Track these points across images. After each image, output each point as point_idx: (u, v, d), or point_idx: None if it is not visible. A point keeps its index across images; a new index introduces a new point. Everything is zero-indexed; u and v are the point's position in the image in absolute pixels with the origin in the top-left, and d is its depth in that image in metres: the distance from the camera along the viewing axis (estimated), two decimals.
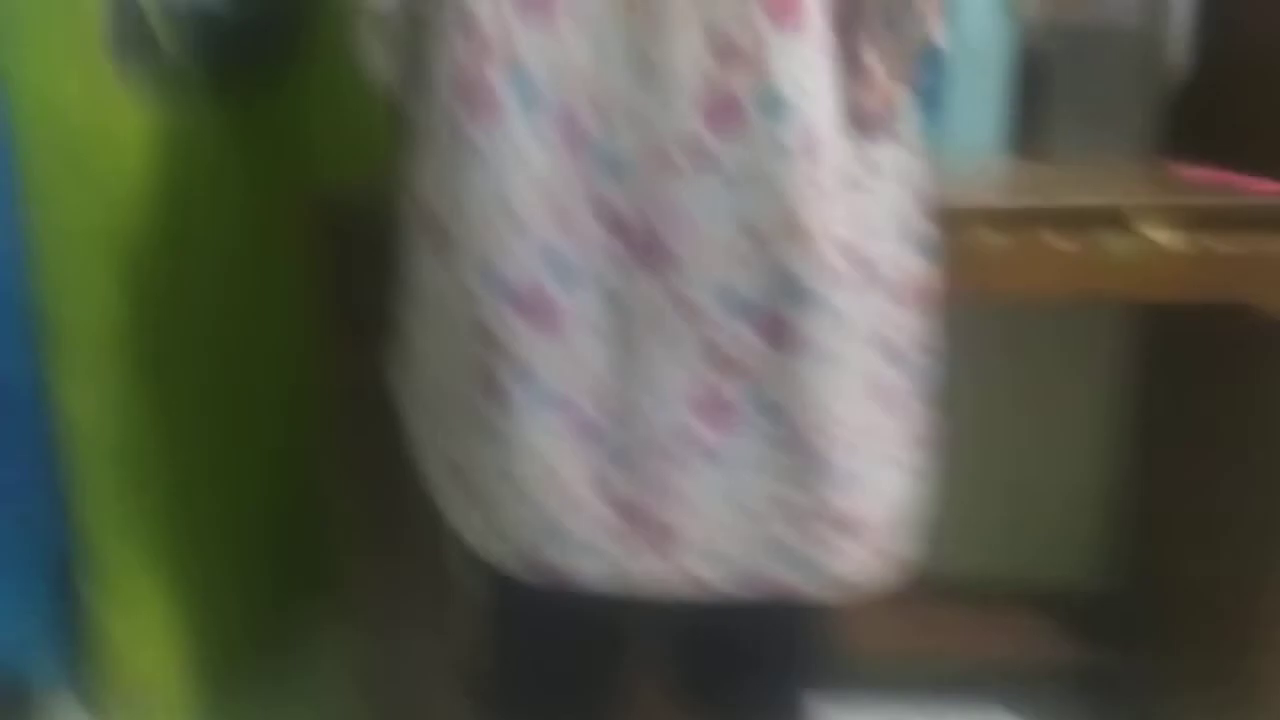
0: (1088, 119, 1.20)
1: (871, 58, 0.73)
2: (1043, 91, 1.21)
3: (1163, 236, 1.02)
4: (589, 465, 0.78)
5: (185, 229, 1.31)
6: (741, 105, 0.69)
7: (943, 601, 1.45)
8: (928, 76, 1.15)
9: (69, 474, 1.26)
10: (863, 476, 0.79)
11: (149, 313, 1.29)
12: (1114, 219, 1.02)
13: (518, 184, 0.72)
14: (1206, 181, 1.11)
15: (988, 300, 1.04)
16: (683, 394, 0.76)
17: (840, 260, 0.73)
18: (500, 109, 0.71)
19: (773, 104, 0.69)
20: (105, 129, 1.21)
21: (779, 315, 0.73)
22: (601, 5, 0.69)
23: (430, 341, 0.81)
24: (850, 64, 0.73)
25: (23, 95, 1.14)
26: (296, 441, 1.45)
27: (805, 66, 0.69)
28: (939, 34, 0.74)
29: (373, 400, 0.93)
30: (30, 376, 1.22)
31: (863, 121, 0.74)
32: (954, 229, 0.94)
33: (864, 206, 0.75)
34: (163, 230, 1.29)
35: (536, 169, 0.72)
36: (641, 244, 0.73)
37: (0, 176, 1.15)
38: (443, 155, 0.74)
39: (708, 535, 0.79)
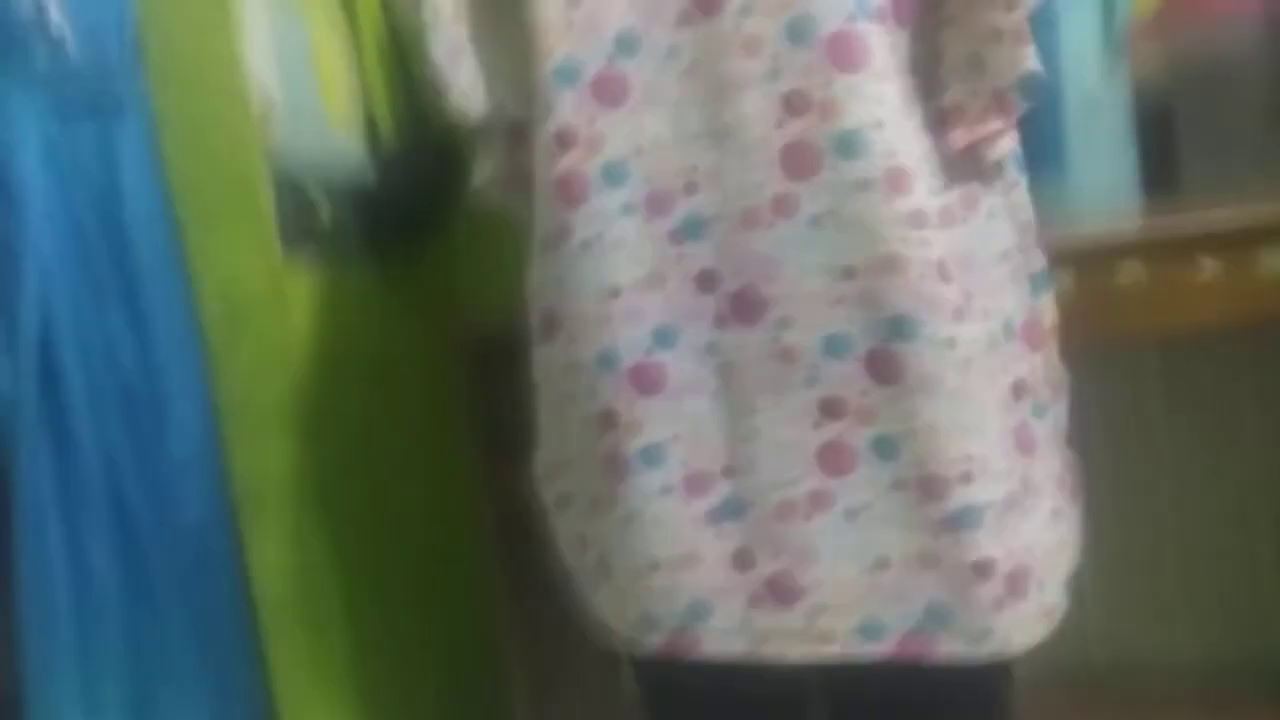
0: (1216, 156, 1.16)
1: (958, 95, 0.74)
2: (1167, 133, 1.18)
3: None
4: (718, 532, 0.77)
5: (351, 385, 1.42)
6: (816, 149, 0.71)
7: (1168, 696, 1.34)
8: (1048, 128, 1.15)
9: (256, 625, 1.34)
10: (1010, 523, 0.75)
11: (325, 464, 1.38)
12: (1265, 235, 0.97)
13: (623, 270, 0.76)
14: None
15: (1140, 337, 0.99)
16: (805, 450, 0.75)
17: (941, 288, 0.72)
18: (592, 193, 0.76)
19: (846, 143, 0.71)
20: (277, 300, 1.34)
21: (885, 350, 0.73)
22: (672, 82, 0.74)
23: (555, 430, 0.84)
24: (937, 102, 0.74)
25: (205, 277, 1.29)
26: (462, 574, 1.49)
27: (877, 102, 0.71)
28: (1031, 66, 0.74)
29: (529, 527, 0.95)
30: (222, 534, 1.32)
31: (957, 160, 0.74)
32: (1094, 267, 0.92)
33: (967, 242, 0.75)
34: (331, 387, 1.39)
35: (637, 251, 0.75)
36: (743, 304, 0.75)
37: (186, 351, 1.29)
38: (546, 247, 0.79)
39: (845, 594, 0.76)
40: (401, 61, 1.49)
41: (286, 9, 1.38)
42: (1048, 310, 0.82)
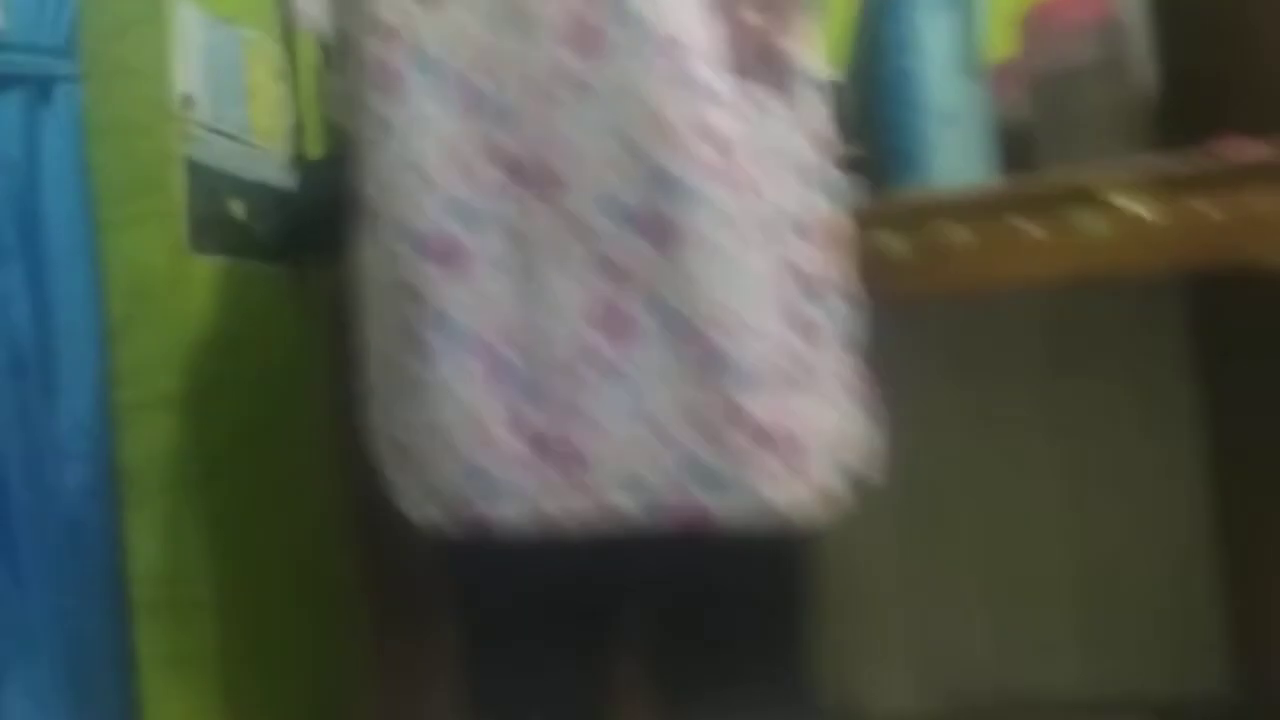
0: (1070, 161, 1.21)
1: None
2: (1022, 145, 1.24)
3: (1140, 207, 0.99)
4: (504, 403, 0.79)
5: (244, 378, 1.45)
6: (602, 28, 0.77)
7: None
8: (910, 140, 1.21)
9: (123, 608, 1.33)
10: (777, 388, 0.77)
11: (207, 453, 1.40)
12: (1084, 197, 1.01)
13: (424, 148, 0.81)
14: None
15: (960, 295, 1.02)
16: (581, 310, 0.78)
17: (715, 156, 0.76)
18: (404, 85, 0.81)
19: (627, 20, 0.77)
20: (177, 291, 1.39)
21: (660, 214, 0.76)
22: None
23: (372, 324, 0.87)
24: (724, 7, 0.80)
25: (110, 261, 1.35)
26: (331, 571, 1.48)
27: None
28: None
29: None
30: (98, 513, 1.33)
31: (745, 56, 0.80)
32: (918, 223, 0.96)
33: (748, 131, 0.79)
34: (223, 378, 1.42)
35: (439, 131, 0.80)
36: (533, 177, 0.79)
37: (85, 330, 1.33)
38: (364, 140, 0.84)
39: (621, 458, 0.77)
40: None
41: (222, 16, 1.48)
42: (835, 215, 0.85)
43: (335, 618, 1.44)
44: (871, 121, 1.26)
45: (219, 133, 1.46)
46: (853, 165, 1.24)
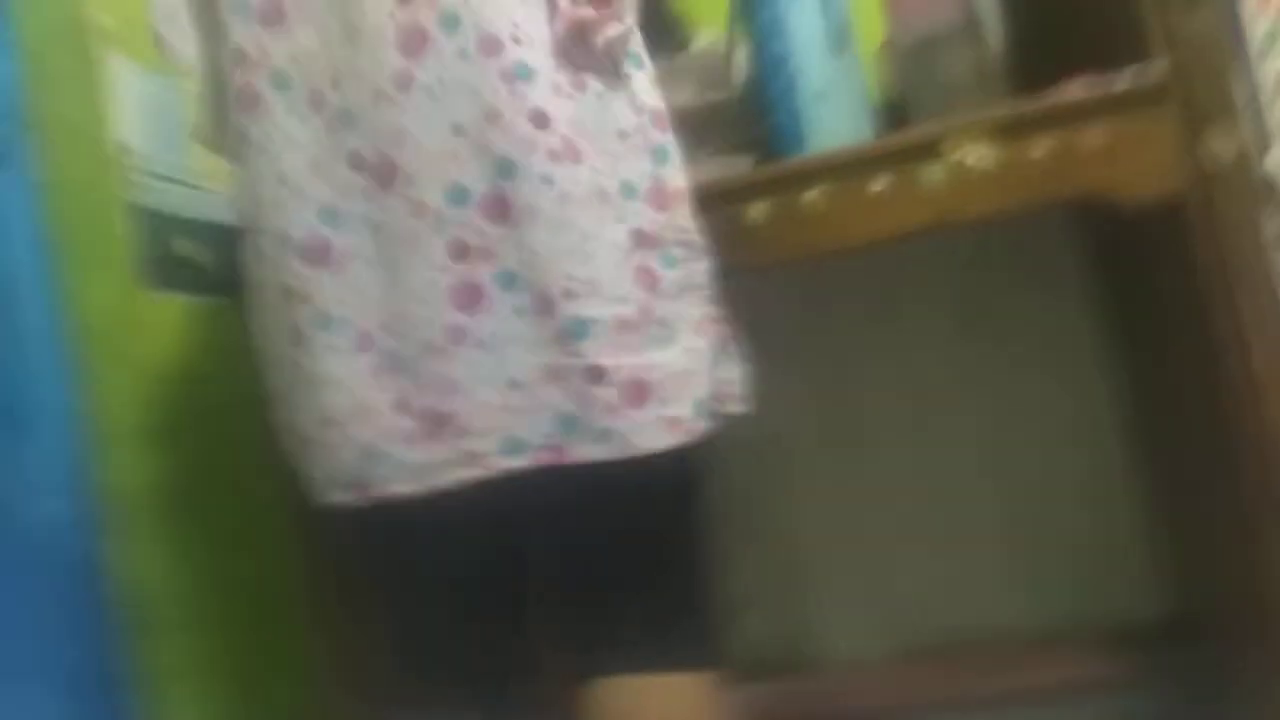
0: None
1: None
2: (900, 113, 1.31)
3: (970, 156, 1.06)
4: (387, 386, 0.88)
5: (210, 405, 1.55)
6: (426, 31, 0.86)
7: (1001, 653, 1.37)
8: (788, 117, 1.28)
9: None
10: (627, 339, 0.86)
11: (182, 478, 1.50)
12: (924, 151, 1.08)
13: (290, 160, 0.90)
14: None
15: (812, 257, 1.10)
16: (439, 290, 0.86)
17: (537, 134, 0.85)
18: (265, 104, 0.91)
19: (450, 21, 0.86)
20: (136, 328, 1.49)
21: (497, 192, 0.85)
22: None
23: (266, 329, 0.96)
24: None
25: (72, 307, 1.45)
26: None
27: None
28: None
29: None
30: (76, 541, 1.43)
31: (567, 44, 0.89)
32: (773, 190, 1.03)
33: (575, 111, 0.88)
34: (189, 407, 1.52)
35: (300, 143, 0.90)
36: (382, 173, 0.88)
37: (54, 369, 1.44)
38: (238, 160, 0.94)
39: (495, 422, 0.86)
40: None
41: (159, 68, 1.58)
42: (672, 179, 0.93)
43: (297, 620, 1.53)
44: (756, 101, 1.34)
45: (161, 177, 1.57)
46: (749, 142, 1.34)
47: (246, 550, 1.56)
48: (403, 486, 0.88)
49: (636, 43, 0.96)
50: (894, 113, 1.31)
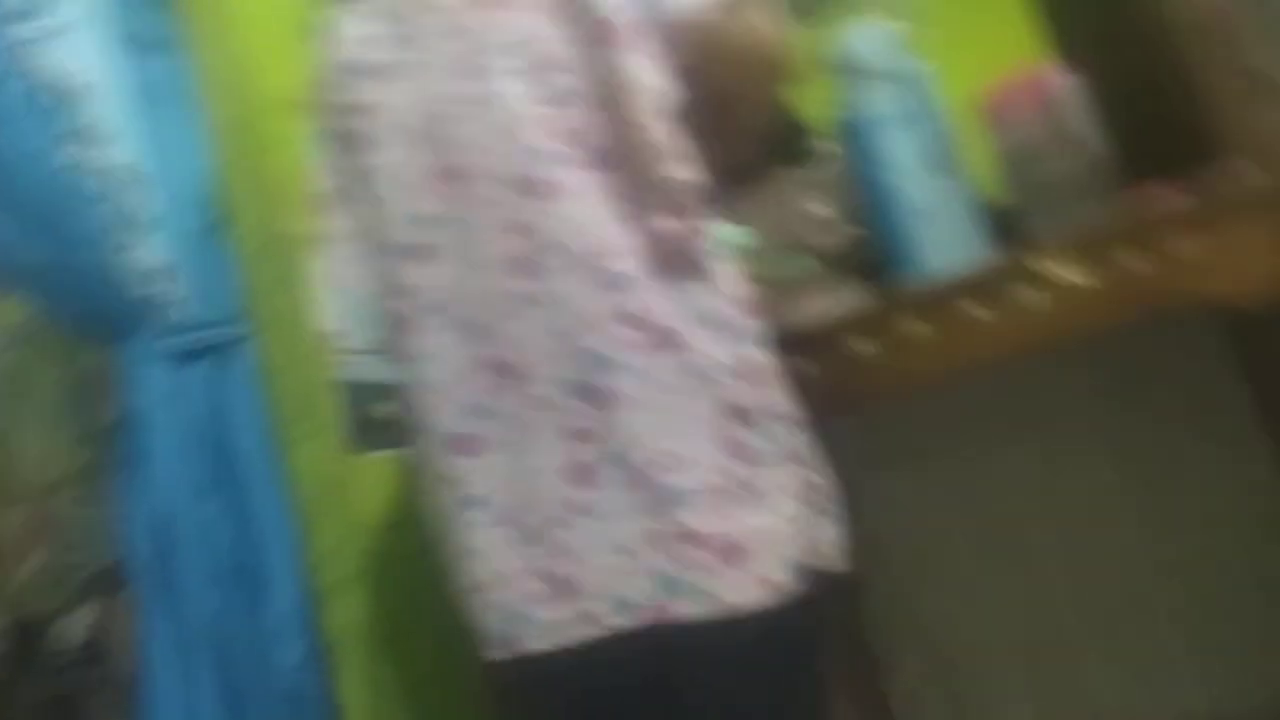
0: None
1: (638, 205, 1.01)
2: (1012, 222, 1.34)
3: (1070, 273, 1.09)
4: (519, 554, 1.01)
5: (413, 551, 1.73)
6: (533, 258, 1.02)
7: None
8: (893, 236, 1.34)
9: None
10: (719, 505, 0.95)
11: (395, 618, 1.69)
12: (1024, 274, 1.12)
13: (435, 368, 1.07)
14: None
15: (928, 386, 1.14)
16: (555, 469, 1.00)
17: (632, 332, 0.98)
18: (419, 327, 1.09)
19: (553, 248, 1.01)
20: (348, 486, 1.71)
21: (596, 383, 0.98)
22: (446, 233, 1.07)
23: (429, 509, 1.11)
24: (630, 209, 1.01)
25: (294, 473, 1.68)
26: None
27: (568, 220, 1.01)
28: (687, 174, 1.01)
29: None
30: (311, 678, 1.63)
31: (656, 256, 1.01)
32: (883, 325, 1.11)
33: (666, 307, 1.00)
34: (396, 554, 1.71)
35: (447, 357, 1.07)
36: (509, 374, 1.03)
37: (281, 531, 1.66)
38: (400, 371, 1.11)
39: (606, 584, 0.97)
40: None
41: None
42: (760, 357, 1.03)
43: None
44: (867, 225, 1.40)
45: (358, 351, 1.79)
46: (863, 264, 1.40)
47: (444, 685, 1.71)
48: (538, 644, 1.00)
49: (719, 242, 1.07)
50: (1007, 220, 1.34)
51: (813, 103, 1.51)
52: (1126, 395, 1.46)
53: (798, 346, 1.21)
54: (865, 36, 1.39)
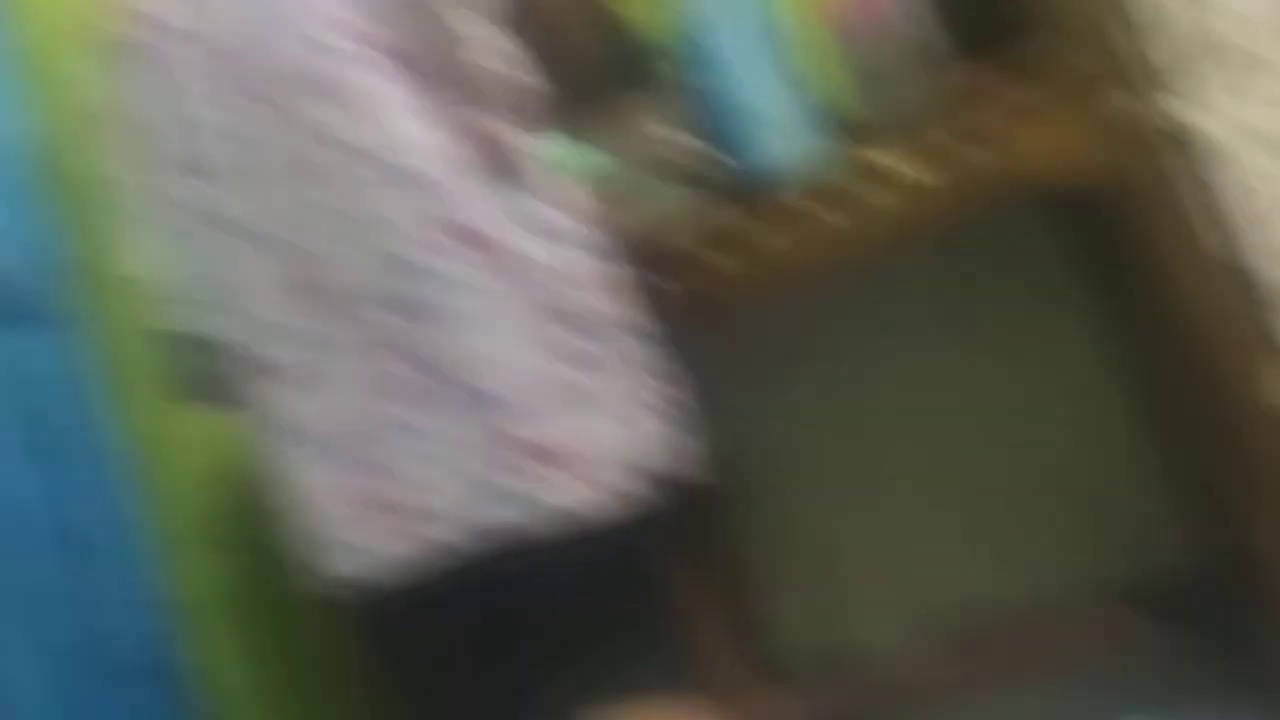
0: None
1: (447, 104, 0.96)
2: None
3: (914, 171, 1.10)
4: (340, 480, 0.97)
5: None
6: (330, 161, 0.95)
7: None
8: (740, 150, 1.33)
9: None
10: (544, 411, 0.93)
11: (243, 577, 1.60)
12: (866, 175, 1.13)
13: (254, 295, 1.00)
14: None
15: (776, 292, 1.15)
16: (369, 386, 0.96)
17: (440, 236, 0.94)
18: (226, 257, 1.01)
19: (354, 151, 0.95)
20: (179, 437, 1.60)
21: (407, 292, 0.94)
22: (249, 153, 0.99)
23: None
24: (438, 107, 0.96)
25: (120, 433, 1.57)
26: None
27: (372, 120, 0.95)
28: (504, 71, 0.97)
29: None
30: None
31: (473, 157, 0.96)
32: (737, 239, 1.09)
33: (485, 210, 0.96)
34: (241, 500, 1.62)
35: (260, 280, 1.00)
36: (322, 292, 0.97)
37: (102, 494, 1.55)
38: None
39: (429, 500, 0.94)
40: None
41: None
42: (588, 262, 1.00)
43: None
44: (710, 135, 1.39)
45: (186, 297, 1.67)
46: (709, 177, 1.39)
47: (301, 639, 1.65)
48: (360, 569, 0.97)
49: (549, 141, 1.04)
50: (859, 125, 1.35)
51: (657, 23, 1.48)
52: (971, 286, 1.51)
53: (647, 259, 1.20)
54: None
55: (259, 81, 0.98)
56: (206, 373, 1.65)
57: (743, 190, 1.27)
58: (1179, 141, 1.08)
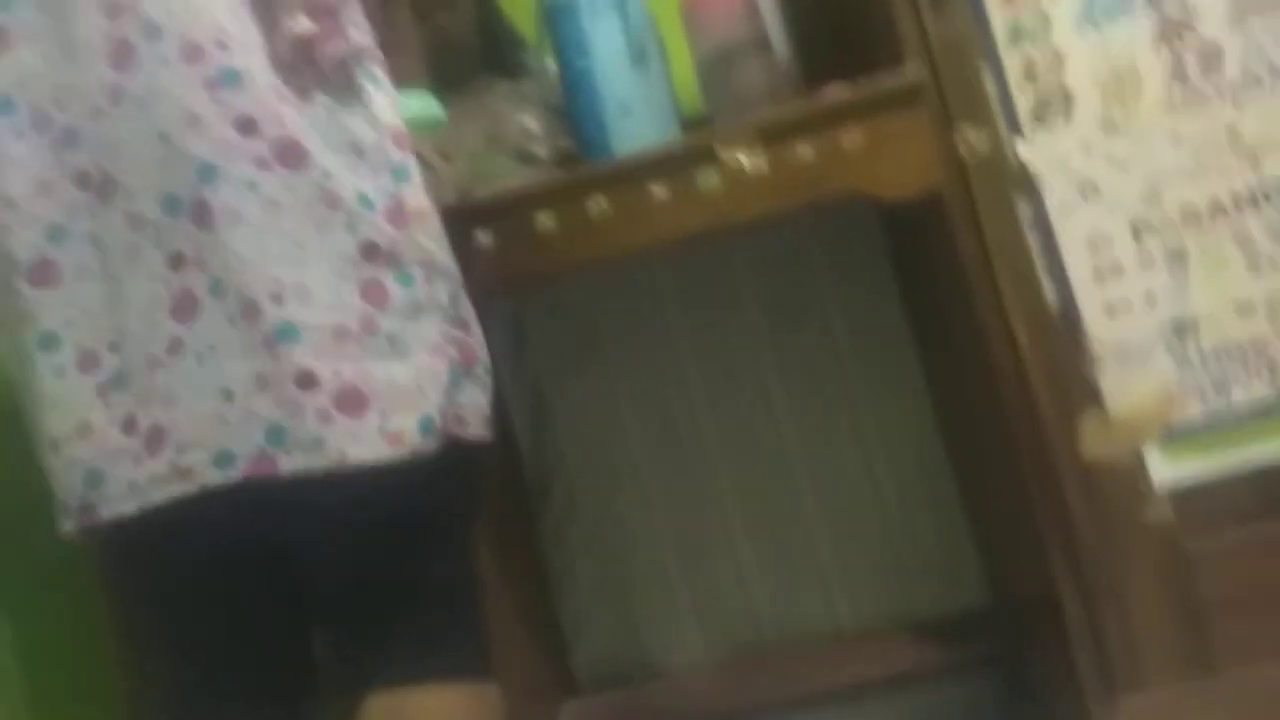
0: None
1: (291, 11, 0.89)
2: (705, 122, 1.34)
3: (743, 160, 1.09)
4: (106, 401, 0.86)
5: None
6: (129, 42, 0.87)
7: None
8: (593, 126, 1.29)
9: None
10: (342, 349, 0.85)
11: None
12: (700, 158, 1.11)
13: (14, 182, 0.89)
14: None
15: (600, 264, 1.12)
16: (155, 302, 0.85)
17: (245, 141, 0.85)
18: None
19: (152, 32, 0.86)
20: None
21: (200, 198, 0.85)
22: (37, 18, 0.89)
23: (12, 358, 0.93)
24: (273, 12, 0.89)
25: None
26: None
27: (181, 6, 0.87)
28: None
29: None
30: None
31: (291, 58, 0.89)
32: (559, 199, 1.05)
33: (299, 120, 0.88)
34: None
35: (24, 164, 0.89)
36: (100, 186, 0.87)
37: None
38: None
39: (199, 429, 0.84)
40: None
41: None
42: (412, 197, 0.93)
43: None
44: (566, 115, 1.36)
45: None
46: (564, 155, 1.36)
47: (56, 588, 1.51)
48: (124, 507, 0.86)
49: (375, 62, 0.96)
50: (703, 123, 1.35)
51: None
52: (795, 295, 1.52)
53: (477, 217, 1.15)
54: None
55: None
56: None
57: (578, 161, 1.24)
58: (1014, 179, 1.10)
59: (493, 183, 1.37)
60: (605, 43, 1.33)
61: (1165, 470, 1.10)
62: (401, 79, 1.04)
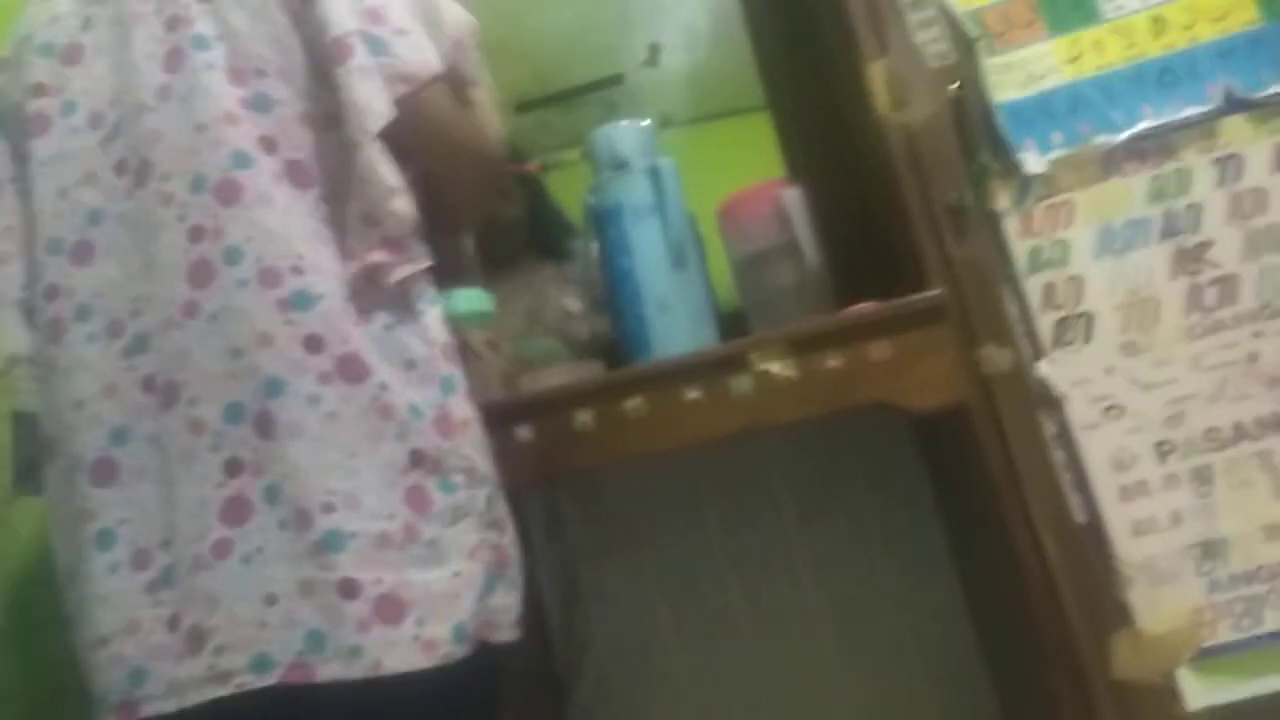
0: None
1: (351, 240, 0.96)
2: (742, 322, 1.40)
3: (774, 367, 1.14)
4: (154, 599, 0.89)
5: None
6: (209, 263, 0.93)
7: None
8: (634, 326, 1.36)
9: None
10: (383, 556, 0.88)
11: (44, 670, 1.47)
12: (733, 364, 1.16)
13: (85, 385, 0.95)
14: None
15: (635, 461, 1.15)
16: (207, 504, 0.89)
17: (307, 356, 0.91)
18: (67, 333, 0.97)
19: (231, 256, 0.93)
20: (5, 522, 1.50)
21: (265, 409, 0.89)
22: (122, 235, 0.97)
23: (59, 550, 0.97)
24: (331, 231, 0.96)
25: None
26: None
27: (251, 224, 0.93)
28: (403, 208, 0.97)
29: None
30: None
31: (360, 283, 0.96)
32: (598, 399, 1.10)
33: (361, 338, 0.94)
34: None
35: (92, 365, 0.95)
36: (164, 391, 0.93)
37: None
38: (42, 381, 0.98)
39: (240, 632, 0.86)
40: None
41: None
42: (458, 408, 0.98)
43: None
44: (609, 311, 1.43)
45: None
46: (604, 349, 1.42)
47: None
48: (165, 705, 0.88)
49: (430, 281, 1.03)
50: (740, 322, 1.41)
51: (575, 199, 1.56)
52: (827, 492, 1.53)
53: (518, 413, 1.20)
54: (621, 132, 1.44)
55: (154, 167, 0.96)
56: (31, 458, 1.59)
57: (617, 358, 1.30)
58: (1037, 396, 1.13)
59: (535, 366, 1.43)
60: (647, 246, 1.41)
61: (1199, 692, 1.08)
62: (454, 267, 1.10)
